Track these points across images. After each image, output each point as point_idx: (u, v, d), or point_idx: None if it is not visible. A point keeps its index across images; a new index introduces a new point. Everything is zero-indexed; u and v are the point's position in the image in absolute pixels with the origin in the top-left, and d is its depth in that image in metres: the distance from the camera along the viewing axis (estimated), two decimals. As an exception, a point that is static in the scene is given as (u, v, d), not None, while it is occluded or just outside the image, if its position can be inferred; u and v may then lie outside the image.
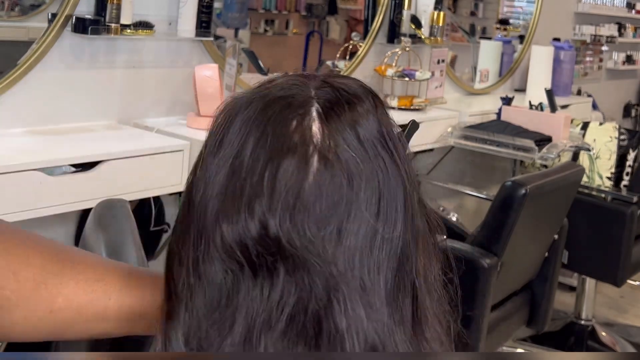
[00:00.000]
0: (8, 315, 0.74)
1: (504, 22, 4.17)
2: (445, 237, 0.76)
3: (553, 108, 3.21)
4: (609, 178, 3.23)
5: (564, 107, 3.68)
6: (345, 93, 0.70)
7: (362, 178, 0.66)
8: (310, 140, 0.67)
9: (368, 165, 0.67)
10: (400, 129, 0.74)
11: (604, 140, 3.26)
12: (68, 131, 2.05)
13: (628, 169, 3.28)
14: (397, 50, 3.07)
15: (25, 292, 0.74)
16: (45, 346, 1.45)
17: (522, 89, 3.97)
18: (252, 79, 2.50)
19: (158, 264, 2.36)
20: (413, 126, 0.74)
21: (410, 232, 0.69)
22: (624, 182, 3.26)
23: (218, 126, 0.71)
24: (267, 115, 0.68)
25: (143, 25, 2.14)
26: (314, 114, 0.68)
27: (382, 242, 0.67)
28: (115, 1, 2.02)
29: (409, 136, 0.73)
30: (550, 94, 3.26)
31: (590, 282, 3.31)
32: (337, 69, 2.98)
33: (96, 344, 1.11)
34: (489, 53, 3.87)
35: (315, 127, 0.67)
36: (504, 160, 3.39)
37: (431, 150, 3.24)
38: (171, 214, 2.39)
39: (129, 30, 2.08)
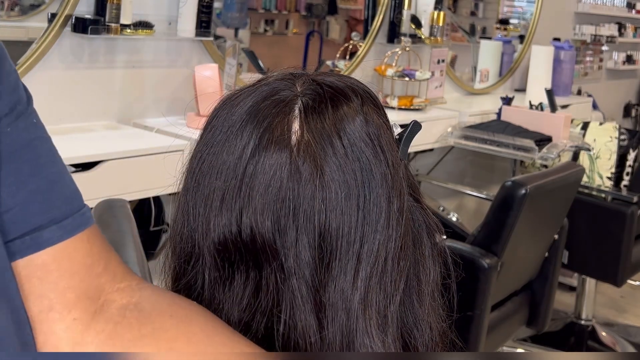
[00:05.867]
0: None
1: (504, 22, 4.17)
2: (444, 237, 0.75)
3: (553, 108, 3.21)
4: (609, 178, 3.23)
5: (564, 107, 3.68)
6: (330, 91, 0.69)
7: (337, 177, 0.65)
8: (289, 138, 0.66)
9: (346, 164, 0.66)
10: (400, 129, 0.73)
11: (604, 140, 3.26)
12: (68, 131, 2.05)
13: (628, 169, 3.28)
14: (397, 50, 3.07)
15: None
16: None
17: (522, 89, 3.97)
18: (252, 79, 2.49)
19: (158, 264, 2.36)
20: (414, 127, 0.72)
21: (395, 234, 0.67)
22: (624, 182, 3.26)
23: (207, 125, 0.72)
24: (251, 113, 0.68)
25: (143, 25, 2.13)
26: (296, 111, 0.68)
27: (361, 244, 0.66)
28: (115, 1, 2.01)
29: (410, 137, 0.72)
30: (550, 93, 3.26)
31: (590, 282, 3.31)
32: (337, 69, 2.98)
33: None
34: (489, 53, 3.87)
35: (296, 125, 0.67)
36: (504, 160, 3.39)
37: (431, 150, 3.24)
38: (171, 214, 2.38)
39: (128, 30, 2.08)
